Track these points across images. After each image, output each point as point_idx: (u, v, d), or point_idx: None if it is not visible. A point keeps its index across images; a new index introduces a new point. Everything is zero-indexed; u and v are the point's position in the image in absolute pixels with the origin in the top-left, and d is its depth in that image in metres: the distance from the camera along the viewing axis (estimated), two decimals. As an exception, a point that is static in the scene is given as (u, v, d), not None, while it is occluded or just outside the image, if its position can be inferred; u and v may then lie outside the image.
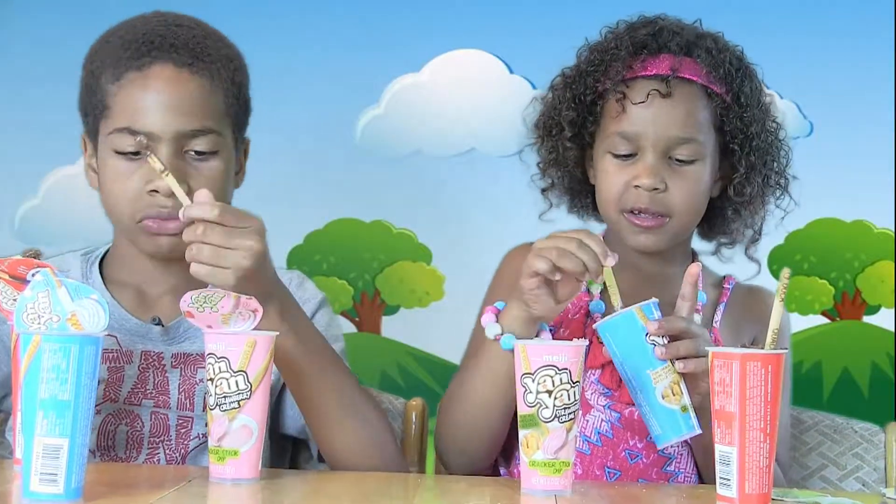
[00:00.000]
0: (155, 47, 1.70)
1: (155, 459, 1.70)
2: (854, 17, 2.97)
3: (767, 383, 1.36)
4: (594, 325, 1.61)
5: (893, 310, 2.98)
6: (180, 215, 1.54)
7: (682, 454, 1.72)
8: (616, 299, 1.59)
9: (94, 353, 1.31)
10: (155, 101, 1.68)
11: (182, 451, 1.70)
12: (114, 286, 1.76)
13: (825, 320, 3.02)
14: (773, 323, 1.41)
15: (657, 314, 1.57)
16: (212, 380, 1.45)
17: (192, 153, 1.69)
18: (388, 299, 3.03)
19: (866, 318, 3.01)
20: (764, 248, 2.95)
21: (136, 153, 1.68)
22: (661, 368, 1.55)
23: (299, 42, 3.01)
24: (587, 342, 1.46)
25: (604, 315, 1.69)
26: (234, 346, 1.44)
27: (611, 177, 1.72)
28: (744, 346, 1.47)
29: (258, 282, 1.54)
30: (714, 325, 1.78)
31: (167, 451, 1.70)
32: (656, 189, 1.69)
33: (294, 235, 3.02)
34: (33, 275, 1.44)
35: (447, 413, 1.71)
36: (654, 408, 1.56)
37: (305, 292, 1.80)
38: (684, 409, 1.56)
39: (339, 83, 3.00)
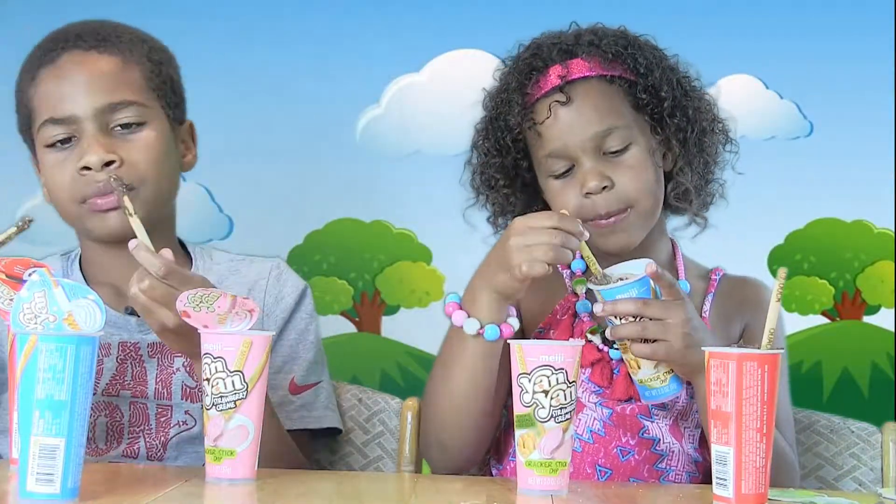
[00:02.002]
0: (61, 40, 1.74)
1: (135, 448, 1.71)
2: (854, 17, 2.97)
3: (764, 383, 1.36)
4: (588, 285, 1.67)
5: (893, 310, 2.98)
6: (130, 247, 1.54)
7: (673, 451, 1.72)
8: (595, 268, 1.64)
9: (91, 353, 1.31)
10: (69, 86, 1.71)
11: (162, 438, 1.71)
12: (92, 282, 1.76)
13: (825, 320, 3.02)
14: (770, 322, 1.41)
15: (627, 294, 1.61)
16: (208, 380, 1.45)
17: (119, 128, 1.71)
18: (388, 299, 3.03)
19: (866, 318, 3.01)
20: (764, 248, 2.99)
21: (65, 140, 1.71)
22: (619, 344, 1.64)
23: (299, 42, 3.01)
24: (583, 342, 1.47)
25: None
26: (231, 346, 1.44)
27: (560, 197, 1.72)
28: (740, 345, 1.47)
29: (189, 339, 1.53)
30: (703, 315, 1.78)
31: (147, 440, 1.71)
32: (605, 188, 1.69)
33: (294, 235, 3.01)
34: (30, 274, 1.45)
35: (428, 409, 1.72)
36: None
37: (285, 285, 1.81)
38: (641, 381, 1.64)
39: (339, 83, 3.00)
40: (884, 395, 2.95)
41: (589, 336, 1.72)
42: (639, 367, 1.63)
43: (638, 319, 1.60)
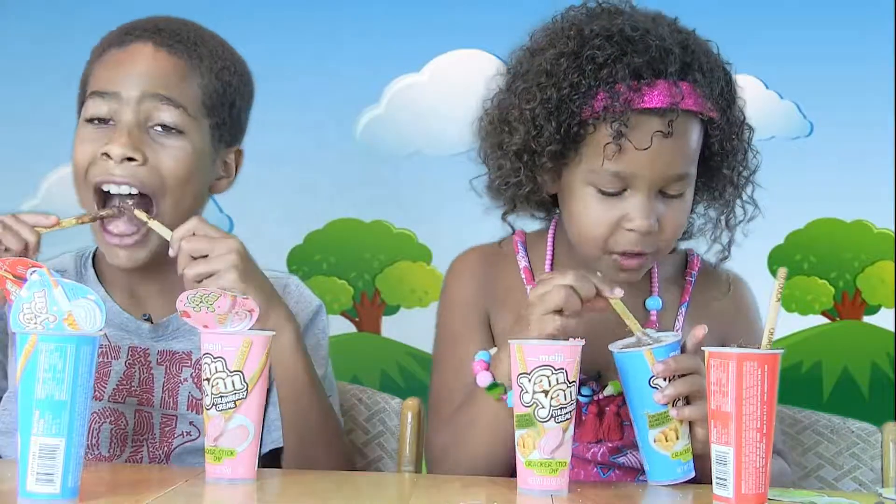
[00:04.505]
0: (139, 28, 1.73)
1: (138, 457, 1.70)
2: (854, 18, 2.97)
3: (764, 383, 1.36)
4: (609, 347, 1.54)
5: (893, 310, 2.98)
6: (171, 252, 1.59)
7: None
8: (634, 326, 1.54)
9: (91, 353, 1.31)
10: (125, 69, 1.69)
11: (166, 448, 1.71)
12: (106, 282, 1.76)
13: (825, 320, 3.02)
14: (770, 323, 1.40)
15: (676, 353, 1.52)
16: (208, 380, 1.44)
17: (158, 128, 1.68)
18: (388, 299, 3.03)
19: (866, 318, 3.01)
20: (764, 248, 2.99)
21: (103, 120, 1.69)
22: (660, 412, 1.52)
23: (299, 42, 3.02)
24: (583, 342, 1.46)
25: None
26: (231, 346, 1.44)
27: (596, 214, 1.58)
28: (740, 345, 1.46)
29: (257, 276, 1.59)
30: (676, 329, 1.70)
31: (150, 449, 1.70)
32: (650, 232, 1.58)
33: (294, 235, 3.02)
34: (31, 274, 1.44)
35: (448, 468, 1.65)
36: (646, 448, 1.54)
37: (299, 301, 1.80)
38: (675, 455, 1.52)
39: (339, 83, 3.01)
40: (884, 395, 2.96)
41: None
42: (677, 439, 1.52)
43: (677, 378, 1.50)
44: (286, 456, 1.68)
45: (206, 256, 1.58)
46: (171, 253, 1.60)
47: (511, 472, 1.58)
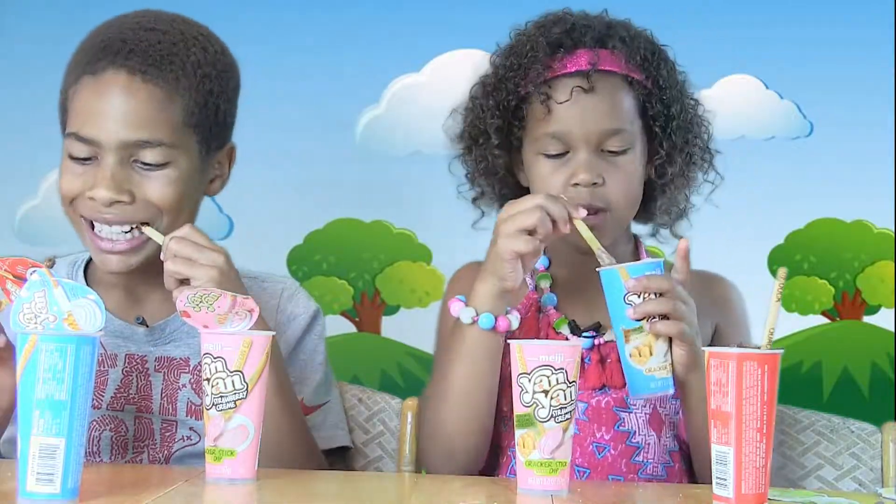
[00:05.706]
0: (111, 52, 1.66)
1: (139, 461, 1.70)
2: (854, 18, 2.97)
3: (764, 383, 1.36)
4: (597, 269, 1.60)
5: (893, 310, 2.98)
6: (162, 255, 1.61)
7: (649, 444, 1.71)
8: (594, 245, 1.61)
9: (91, 353, 1.31)
10: (104, 108, 1.65)
11: (166, 453, 1.71)
12: (99, 287, 1.71)
13: (825, 320, 3.02)
14: (770, 323, 1.40)
15: (654, 272, 1.58)
16: (208, 380, 1.45)
17: (140, 164, 1.66)
18: (388, 299, 3.03)
19: (866, 318, 3.01)
20: (764, 248, 2.99)
21: (86, 159, 1.67)
22: (634, 328, 1.58)
23: (299, 42, 3.02)
24: (583, 342, 1.46)
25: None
26: (231, 346, 1.44)
27: (547, 179, 1.72)
28: (740, 345, 1.47)
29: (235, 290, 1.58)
30: None
31: (151, 454, 1.71)
32: (595, 184, 1.69)
33: (294, 235, 3.02)
34: (31, 274, 1.44)
35: (429, 413, 1.70)
36: (624, 363, 1.60)
37: (297, 306, 1.80)
38: (649, 370, 1.58)
39: (339, 83, 3.01)
40: (884, 395, 2.96)
41: (557, 329, 1.72)
42: (650, 354, 1.58)
43: (657, 297, 1.57)
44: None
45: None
46: (163, 256, 1.61)
47: (491, 422, 1.67)
